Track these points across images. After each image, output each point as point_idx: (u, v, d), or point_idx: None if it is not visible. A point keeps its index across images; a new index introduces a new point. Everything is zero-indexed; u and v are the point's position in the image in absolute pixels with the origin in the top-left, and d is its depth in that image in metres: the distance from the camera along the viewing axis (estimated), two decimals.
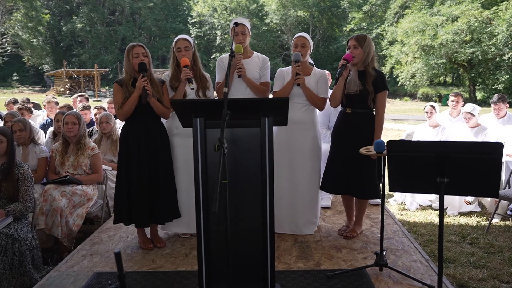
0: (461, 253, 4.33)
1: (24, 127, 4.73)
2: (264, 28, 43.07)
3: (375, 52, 4.00)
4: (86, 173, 4.67)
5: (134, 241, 4.11)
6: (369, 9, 41.92)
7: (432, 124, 6.18)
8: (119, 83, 3.80)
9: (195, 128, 2.84)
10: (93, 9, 46.51)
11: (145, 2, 46.49)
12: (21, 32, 41.95)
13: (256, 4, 44.44)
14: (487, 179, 2.42)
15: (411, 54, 33.80)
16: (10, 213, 3.69)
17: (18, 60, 43.49)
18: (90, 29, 45.50)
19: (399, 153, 2.56)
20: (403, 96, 37.51)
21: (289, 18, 42.67)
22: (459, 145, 2.47)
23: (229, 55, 2.73)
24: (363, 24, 41.83)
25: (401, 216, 5.51)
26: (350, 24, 41.64)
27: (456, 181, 2.49)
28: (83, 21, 45.22)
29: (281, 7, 42.59)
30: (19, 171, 3.82)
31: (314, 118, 4.17)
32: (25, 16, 41.77)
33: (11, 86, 41.07)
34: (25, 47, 42.14)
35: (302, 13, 42.79)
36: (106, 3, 47.10)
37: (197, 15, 44.61)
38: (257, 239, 2.94)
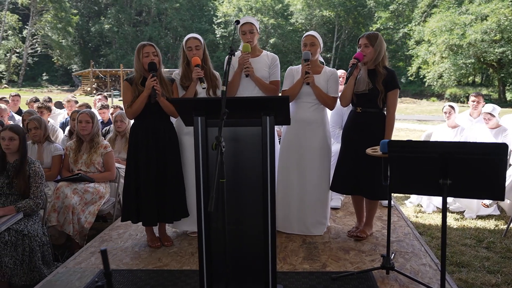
0: (476, 258, 4.22)
1: (39, 125, 4.81)
2: (289, 28, 42.99)
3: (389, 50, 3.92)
4: (99, 171, 4.73)
5: (142, 239, 4.13)
6: (396, 8, 41.38)
7: (451, 125, 6.04)
8: (129, 81, 3.83)
9: (196, 127, 2.83)
10: (120, 10, 47.21)
11: (172, 3, 46.94)
12: (51, 33, 42.87)
13: (281, 4, 44.36)
14: (492, 181, 2.34)
15: (439, 54, 33.23)
16: (20, 210, 3.76)
17: (48, 61, 44.47)
18: (117, 29, 46.20)
19: (401, 154, 2.49)
20: (430, 96, 36.91)
21: (314, 18, 42.46)
22: (462, 146, 2.39)
23: (229, 54, 2.71)
24: (389, 23, 41.35)
25: (416, 218, 5.40)
26: (376, 23, 41.20)
27: (459, 182, 2.41)
28: (111, 22, 45.95)
29: (307, 7, 42.41)
30: (30, 168, 3.88)
31: (324, 117, 4.12)
32: (55, 17, 42.67)
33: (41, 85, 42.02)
34: (54, 47, 43.05)
35: (327, 12, 42.52)
36: (133, 4, 47.73)
37: (222, 15, 44.79)
38: (259, 239, 2.92)
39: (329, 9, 42.69)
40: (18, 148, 3.89)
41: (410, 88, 38.99)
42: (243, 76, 4.07)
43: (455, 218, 5.39)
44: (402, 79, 39.44)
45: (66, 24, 43.31)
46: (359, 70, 3.87)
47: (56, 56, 43.73)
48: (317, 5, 42.41)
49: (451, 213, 5.56)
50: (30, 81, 43.18)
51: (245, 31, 4.10)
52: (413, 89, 38.98)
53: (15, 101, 7.96)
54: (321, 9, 42.38)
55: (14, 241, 3.59)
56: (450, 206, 5.66)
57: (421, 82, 36.57)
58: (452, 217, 5.42)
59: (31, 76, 44.17)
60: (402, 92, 38.22)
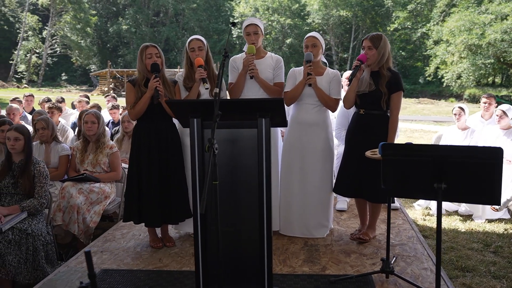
0: (482, 262, 4.15)
1: (47, 125, 4.87)
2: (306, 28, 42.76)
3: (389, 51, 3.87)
4: (105, 171, 4.77)
5: (145, 239, 4.15)
6: (414, 7, 40.88)
7: (461, 127, 5.95)
8: (132, 83, 3.85)
9: (192, 129, 2.84)
10: (138, 10, 47.60)
11: (189, 3, 47.15)
12: (70, 34, 43.43)
13: (298, 4, 44.20)
14: (487, 185, 2.30)
15: (457, 54, 32.72)
16: (25, 209, 3.81)
17: (67, 61, 45.06)
18: (135, 30, 46.59)
19: (395, 157, 2.46)
20: (449, 97, 36.39)
21: (331, 18, 42.20)
22: (456, 150, 2.35)
23: (223, 56, 2.71)
24: (407, 23, 40.87)
25: (423, 221, 5.33)
26: (394, 23, 40.77)
27: (454, 187, 2.37)
28: (129, 23, 46.35)
29: (323, 7, 42.15)
30: (35, 168, 3.93)
31: (326, 119, 4.09)
32: (74, 18, 43.21)
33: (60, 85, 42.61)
34: (73, 48, 43.61)
35: (344, 12, 42.22)
36: (151, 5, 48.07)
37: (239, 15, 44.82)
38: (256, 241, 2.91)
39: (346, 9, 42.36)
40: (23, 148, 3.94)
41: (428, 89, 38.54)
42: (248, 78, 4.06)
43: (463, 221, 5.30)
44: (420, 80, 39.02)
45: (85, 24, 43.82)
46: (362, 72, 3.84)
47: (75, 56, 44.29)
48: (334, 5, 42.11)
49: (460, 216, 5.47)
50: (49, 81, 43.82)
51: (249, 32, 4.10)
52: (431, 89, 38.50)
53: (28, 101, 8.09)
54: (338, 9, 42.08)
55: (18, 240, 3.64)
56: (459, 209, 5.57)
57: (439, 83, 36.05)
58: (461, 220, 5.34)
59: (50, 76, 44.81)
60: (420, 93, 37.99)
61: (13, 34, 44.26)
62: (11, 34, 44.45)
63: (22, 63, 42.45)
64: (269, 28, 42.98)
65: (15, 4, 44.91)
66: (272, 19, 43.24)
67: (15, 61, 42.05)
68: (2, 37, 44.37)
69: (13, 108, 6.54)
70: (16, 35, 43.59)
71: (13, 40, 43.58)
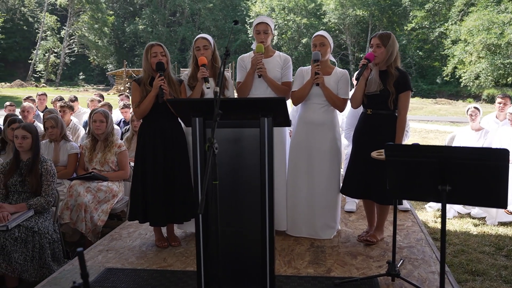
0: (493, 266, 4.05)
1: (56, 124, 4.90)
2: (322, 27, 42.55)
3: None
4: (113, 169, 4.78)
5: (151, 238, 4.15)
6: (432, 7, 40.39)
7: (475, 128, 5.85)
8: (137, 82, 3.85)
9: (194, 128, 2.82)
10: (154, 10, 47.88)
11: (205, 3, 47.25)
12: (87, 33, 43.88)
13: (314, 3, 43.99)
14: (492, 188, 2.23)
15: (475, 53, 32.28)
16: (31, 207, 3.83)
17: (84, 60, 45.53)
18: (151, 30, 46.87)
19: (398, 158, 2.41)
20: (467, 97, 35.87)
21: (348, 17, 41.92)
22: (461, 151, 2.29)
23: (224, 54, 2.67)
24: (425, 22, 40.40)
25: (434, 223, 5.24)
26: (411, 22, 40.33)
27: (459, 189, 2.31)
28: (145, 23, 46.65)
29: (340, 6, 41.88)
30: (42, 166, 3.95)
31: (333, 119, 4.04)
32: (92, 18, 43.64)
33: (77, 85, 43.07)
34: (90, 47, 44.05)
35: (361, 12, 41.91)
36: (167, 5, 48.31)
37: (255, 15, 44.78)
38: (258, 241, 2.87)
39: (362, 8, 42.04)
40: (30, 147, 3.96)
41: (445, 89, 38.04)
42: (256, 77, 4.03)
43: (475, 224, 5.20)
44: (437, 80, 38.53)
45: (102, 24, 44.23)
46: (369, 71, 3.78)
47: (92, 56, 44.74)
48: (350, 5, 41.82)
49: (472, 219, 5.37)
50: (67, 80, 44.32)
51: (259, 30, 4.06)
52: (449, 89, 37.99)
53: (41, 100, 8.17)
54: (354, 9, 41.77)
55: (24, 238, 3.66)
56: (472, 211, 5.46)
57: (457, 83, 35.58)
58: (473, 223, 5.23)
59: (68, 75, 45.32)
60: (437, 93, 37.51)
61: (32, 34, 44.89)
62: (30, 34, 45.09)
63: (40, 62, 43.02)
64: (285, 28, 42.86)
65: (34, 4, 45.54)
66: (288, 19, 43.10)
67: (34, 61, 42.63)
68: (22, 37, 45.01)
69: (26, 107, 6.60)
70: (35, 35, 44.19)
71: (32, 40, 44.20)
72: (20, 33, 45.18)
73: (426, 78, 40.06)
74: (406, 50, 40.61)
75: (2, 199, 3.91)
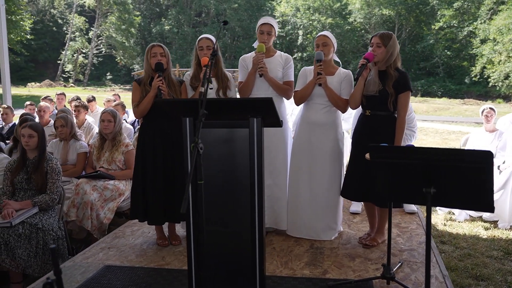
0: (499, 271, 3.96)
1: (65, 123, 5.01)
2: (347, 27, 42.20)
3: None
4: (120, 168, 4.86)
5: (153, 237, 4.19)
6: (461, 5, 39.58)
7: (489, 129, 5.72)
8: (138, 82, 3.90)
9: (184, 128, 2.84)
10: (180, 11, 48.30)
11: (230, 3, 47.44)
12: (114, 34, 44.54)
13: (339, 3, 43.65)
14: (477, 190, 2.18)
15: (505, 53, 31.48)
16: (36, 204, 3.92)
17: (112, 60, 46.23)
18: (177, 30, 47.31)
19: (383, 159, 2.37)
20: (496, 98, 35.02)
21: (373, 17, 41.45)
22: (445, 153, 2.24)
23: (211, 55, 2.68)
24: (453, 21, 39.62)
25: (444, 226, 5.14)
26: (439, 22, 39.61)
27: (444, 192, 2.26)
28: (171, 23, 47.11)
29: (366, 6, 41.44)
30: (48, 164, 4.04)
31: (336, 120, 4.01)
32: (119, 19, 44.28)
33: (105, 84, 43.78)
34: (117, 48, 44.72)
35: (387, 11, 41.39)
36: (193, 5, 48.68)
37: (280, 15, 44.72)
38: (248, 241, 2.88)
39: (389, 8, 41.49)
40: (37, 145, 4.05)
41: (474, 89, 37.22)
42: (257, 76, 4.04)
43: (486, 227, 5.08)
44: (465, 80, 37.73)
45: (129, 25, 44.83)
46: (369, 71, 3.73)
47: (119, 56, 45.40)
48: (376, 4, 41.34)
49: (483, 222, 5.24)
50: (95, 80, 45.08)
51: (263, 31, 4.07)
52: (477, 90, 37.15)
53: (59, 99, 8.36)
54: (380, 8, 41.28)
55: (28, 234, 3.75)
56: (483, 214, 5.34)
57: (485, 83, 34.78)
58: (484, 226, 5.11)
59: (96, 75, 46.09)
60: (465, 93, 36.73)
61: (61, 35, 45.86)
62: (59, 35, 46.08)
63: (69, 63, 43.88)
64: (310, 28, 42.64)
65: (64, 6, 46.54)
66: (312, 19, 42.89)
67: (63, 61, 43.53)
68: (51, 38, 46.06)
69: (42, 106, 6.75)
70: (64, 36, 45.14)
71: (61, 40, 45.13)
72: (50, 34, 46.23)
73: (454, 78, 39.29)
74: (433, 50, 39.91)
75: (9, 196, 4.01)
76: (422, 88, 37.16)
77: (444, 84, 37.92)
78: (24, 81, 39.10)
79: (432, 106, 26.96)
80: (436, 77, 39.72)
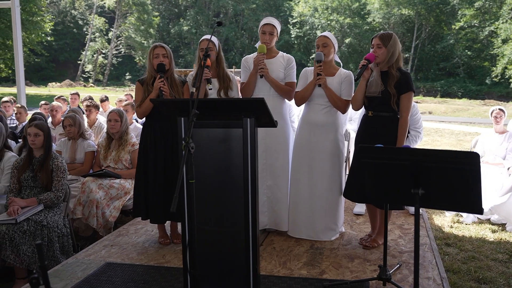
0: (502, 274, 3.90)
1: (74, 122, 5.10)
2: (366, 27, 41.92)
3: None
4: (126, 167, 4.92)
5: (156, 235, 4.25)
6: (482, 5, 38.96)
7: (499, 130, 5.64)
8: (140, 82, 3.96)
9: (179, 128, 2.87)
10: (199, 11, 48.57)
11: (248, 4, 47.54)
12: (133, 35, 45.03)
13: (358, 2, 43.35)
14: (464, 192, 2.16)
15: None
16: (41, 201, 4.00)
17: (131, 61, 46.73)
18: (195, 31, 47.56)
19: (371, 160, 2.37)
20: None
21: (393, 16, 41.07)
22: (433, 154, 2.23)
23: (203, 56, 2.71)
24: (474, 21, 39.04)
25: (450, 229, 5.08)
26: (459, 21, 39.06)
27: (432, 193, 2.25)
28: (189, 24, 47.41)
29: (385, 5, 41.09)
30: (53, 162, 4.12)
31: (336, 120, 4.00)
32: (138, 19, 44.75)
33: (124, 85, 44.25)
34: (136, 48, 45.18)
35: (406, 11, 40.97)
36: (211, 6, 48.92)
37: (298, 15, 44.63)
38: (242, 241, 2.90)
39: (408, 7, 41.07)
40: (42, 144, 4.14)
41: (495, 90, 36.61)
42: (259, 77, 4.06)
43: (493, 230, 5.01)
44: (486, 80, 37.15)
45: (148, 26, 45.27)
46: (370, 72, 3.72)
47: (138, 56, 45.84)
48: (395, 3, 40.94)
49: (492, 225, 5.17)
50: (114, 80, 45.63)
51: (265, 31, 4.09)
52: (499, 91, 36.52)
53: (73, 99, 8.50)
54: (400, 8, 40.88)
55: (32, 231, 3.83)
56: (491, 217, 5.27)
57: (507, 84, 34.19)
58: (491, 229, 5.04)
59: (115, 75, 46.64)
60: (486, 94, 36.14)
61: (81, 35, 46.56)
62: (80, 36, 46.78)
63: (89, 63, 44.52)
64: (328, 28, 42.44)
65: (84, 7, 47.21)
66: (331, 19, 42.68)
67: (83, 61, 44.19)
68: (72, 39, 46.77)
69: (55, 106, 6.88)
70: (84, 36, 45.81)
71: (81, 41, 45.81)
72: (71, 35, 46.96)
73: (475, 78, 38.71)
74: (453, 50, 39.38)
75: (16, 193, 4.10)
76: (442, 88, 36.71)
77: (465, 85, 37.38)
78: (45, 81, 39.84)
79: (451, 107, 26.62)
80: (456, 77, 39.19)
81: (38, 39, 29.64)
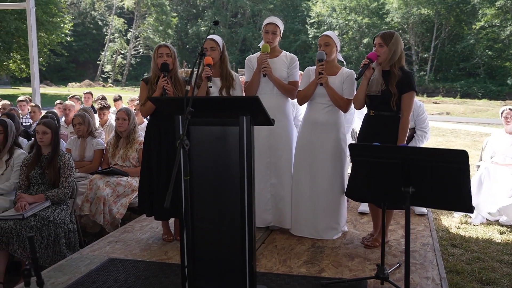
0: (506, 276, 3.87)
1: (83, 121, 5.19)
2: (385, 27, 41.56)
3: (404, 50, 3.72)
4: (134, 165, 5.00)
5: (161, 232, 4.29)
6: (503, 4, 38.33)
7: (509, 131, 5.57)
8: (145, 81, 4.02)
9: (177, 126, 2.91)
10: (217, 12, 48.79)
11: (266, 4, 47.58)
12: (152, 35, 45.48)
13: (376, 2, 43.03)
14: (454, 190, 2.16)
15: None
16: (49, 198, 4.10)
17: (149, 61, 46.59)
18: (213, 31, 47.81)
19: (362, 158, 2.38)
20: None
21: (412, 16, 40.68)
22: (423, 152, 2.23)
23: (199, 54, 2.75)
24: (495, 21, 38.43)
25: (457, 229, 5.04)
26: (480, 21, 38.51)
27: (423, 191, 2.25)
28: (207, 24, 47.62)
29: (403, 5, 40.70)
30: (61, 160, 4.22)
31: (337, 119, 4.01)
32: (156, 20, 45.20)
33: None
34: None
35: (426, 10, 40.54)
36: (229, 6, 49.11)
37: (316, 15, 44.50)
38: (239, 238, 2.93)
39: (428, 7, 40.62)
40: (50, 141, 4.23)
41: None
42: (262, 76, 4.09)
43: (501, 231, 4.95)
44: (508, 81, 36.55)
45: (166, 26, 45.67)
46: (372, 71, 3.72)
47: None
48: (415, 3, 40.53)
49: (500, 226, 5.11)
50: (132, 80, 46.08)
51: (268, 30, 4.13)
52: None
53: (86, 98, 8.65)
54: (419, 7, 40.47)
55: (39, 226, 3.92)
56: (500, 218, 5.21)
57: None
58: (499, 230, 4.99)
59: (134, 76, 47.12)
60: (507, 95, 35.55)
61: (101, 36, 47.20)
62: (99, 37, 47.44)
63: (108, 63, 45.11)
64: (346, 28, 42.26)
65: (104, 8, 47.83)
66: (349, 19, 42.48)
67: (102, 62, 44.79)
68: (91, 39, 47.47)
69: (67, 105, 7.02)
70: (103, 37, 46.43)
71: (101, 42, 46.43)
72: (90, 35, 47.66)
73: (496, 79, 38.10)
74: (474, 50, 38.83)
75: (24, 189, 4.20)
76: (462, 89, 36.22)
77: (485, 85, 36.82)
78: (65, 81, 40.48)
79: (470, 108, 26.26)
80: (477, 78, 38.62)
81: (58, 39, 30.10)
